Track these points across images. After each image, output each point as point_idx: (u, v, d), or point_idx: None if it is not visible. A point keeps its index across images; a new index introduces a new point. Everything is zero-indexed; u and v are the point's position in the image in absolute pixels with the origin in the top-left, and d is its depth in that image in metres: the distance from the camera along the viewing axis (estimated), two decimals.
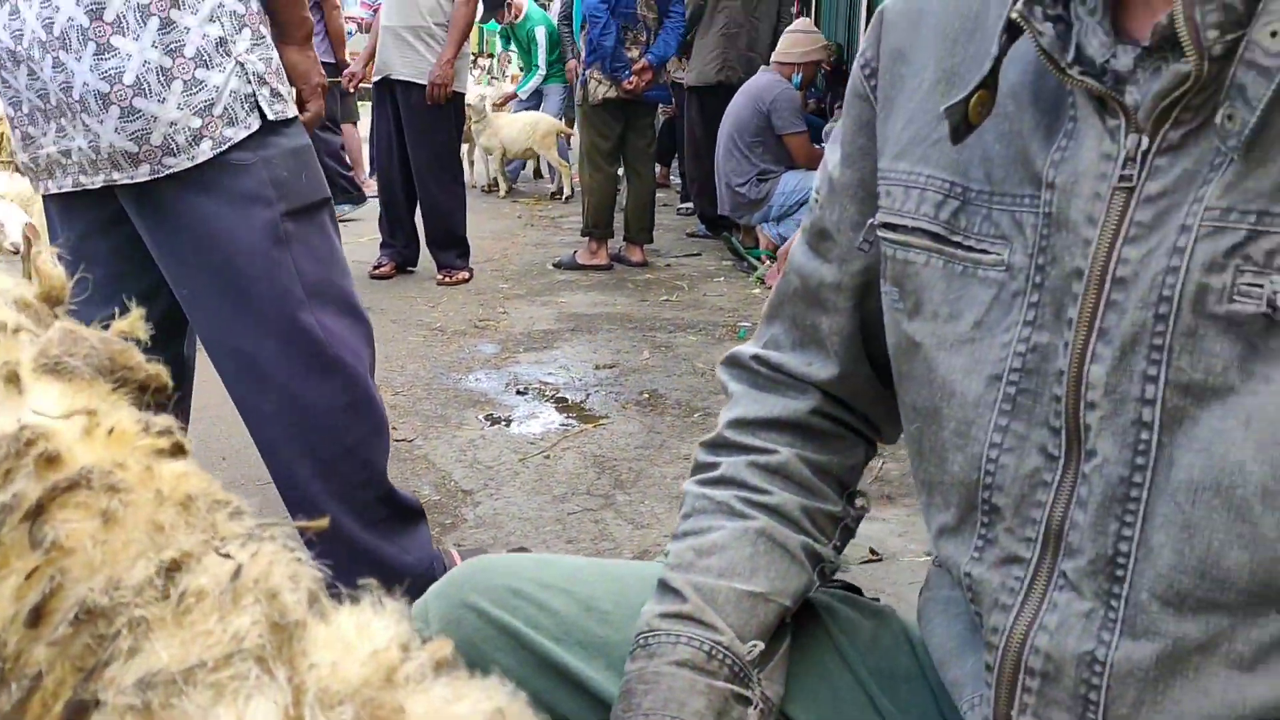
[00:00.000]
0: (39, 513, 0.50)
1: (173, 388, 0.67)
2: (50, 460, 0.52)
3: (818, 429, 0.85)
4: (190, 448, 0.60)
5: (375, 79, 4.96)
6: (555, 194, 8.16)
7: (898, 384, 0.77)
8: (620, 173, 5.58)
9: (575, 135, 6.58)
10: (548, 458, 2.84)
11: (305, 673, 0.43)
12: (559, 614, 0.80)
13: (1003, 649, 0.67)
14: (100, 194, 1.57)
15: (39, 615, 0.48)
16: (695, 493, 0.84)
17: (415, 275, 5.15)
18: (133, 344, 0.68)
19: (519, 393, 3.41)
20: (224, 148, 1.53)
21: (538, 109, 8.41)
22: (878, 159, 0.77)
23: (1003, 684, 0.67)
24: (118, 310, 0.70)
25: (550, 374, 3.62)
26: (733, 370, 0.91)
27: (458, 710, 0.44)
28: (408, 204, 5.07)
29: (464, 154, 6.51)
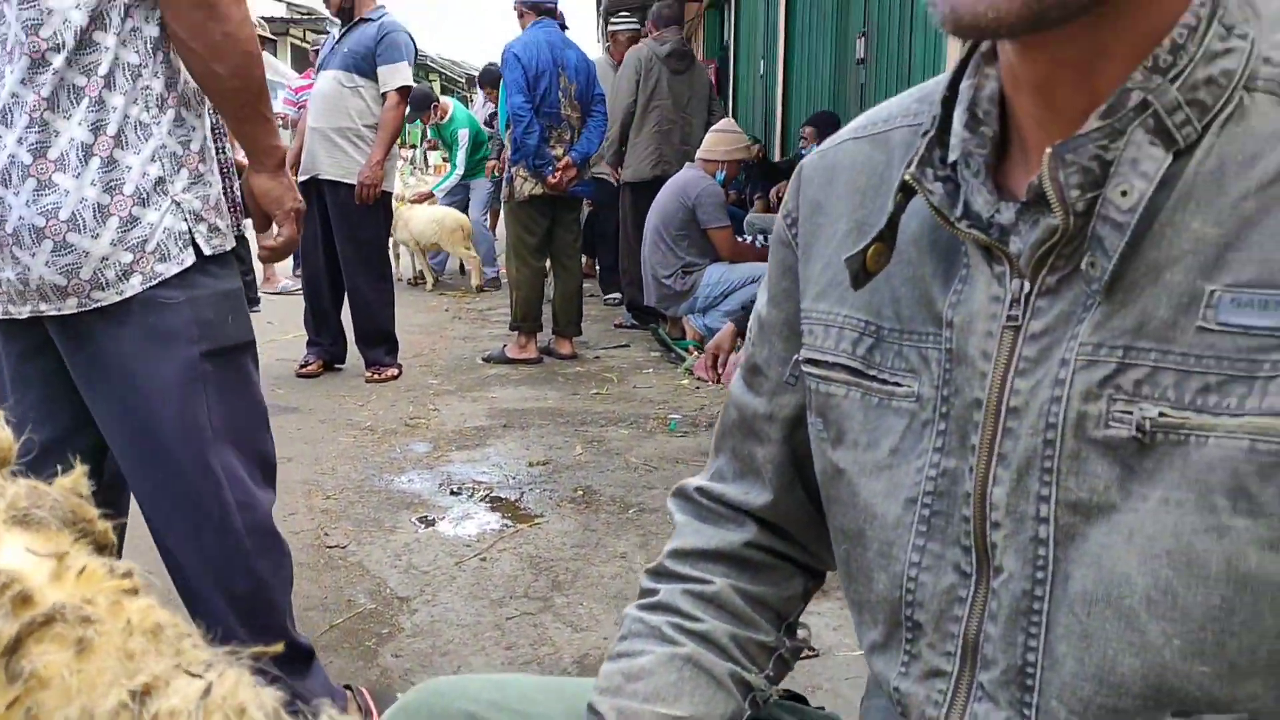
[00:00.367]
0: (16, 648, 0.52)
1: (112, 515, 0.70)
2: (24, 599, 0.55)
3: (753, 560, 0.89)
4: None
5: (302, 179, 5.00)
6: (481, 288, 8.23)
7: (826, 509, 0.82)
8: (547, 266, 5.65)
9: (501, 229, 6.65)
10: (484, 560, 2.83)
11: None
12: None
13: None
14: (31, 320, 1.58)
15: None
16: (633, 616, 0.88)
17: (343, 372, 5.12)
18: (87, 499, 0.70)
19: (453, 493, 3.40)
20: (153, 283, 1.54)
21: (465, 204, 8.51)
22: (800, 300, 0.84)
23: None
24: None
25: (483, 473, 3.62)
26: (679, 501, 0.96)
27: None
28: (334, 301, 5.07)
29: (390, 247, 6.54)
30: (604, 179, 6.80)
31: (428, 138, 12.17)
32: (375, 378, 4.94)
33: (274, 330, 5.85)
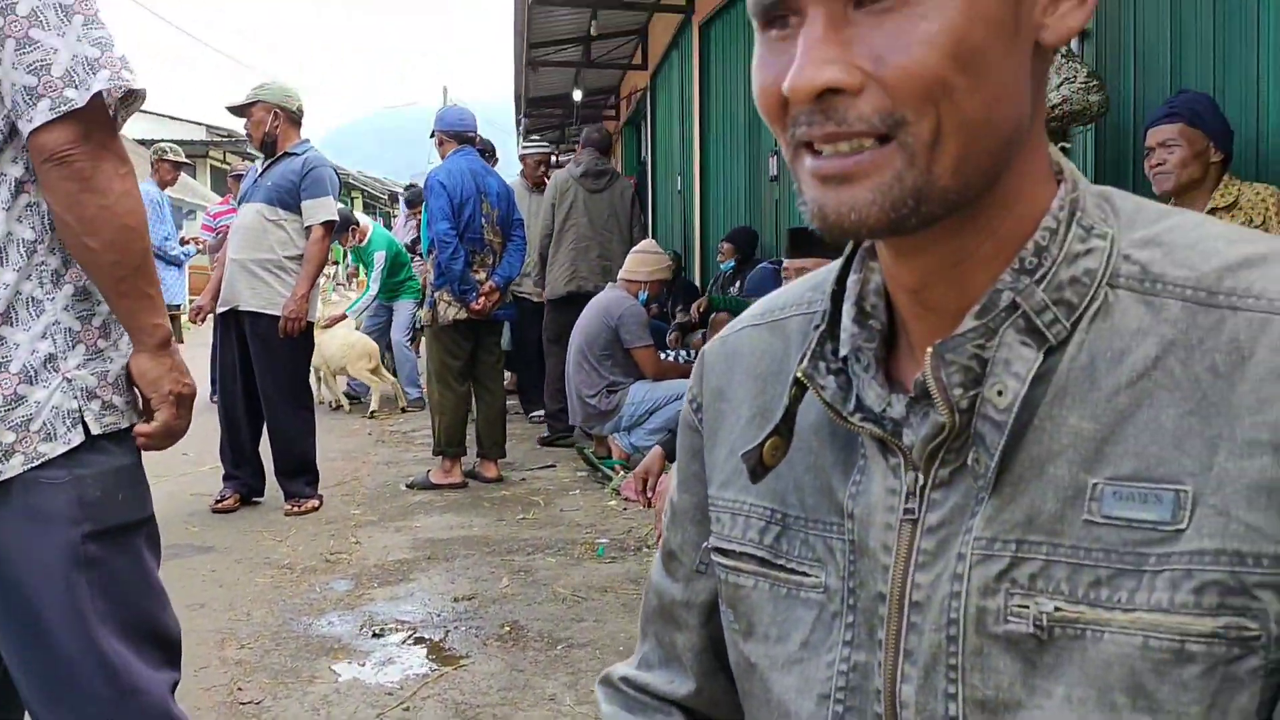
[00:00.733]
0: None
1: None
2: None
3: None
4: None
5: (221, 310, 4.93)
6: (404, 409, 8.13)
7: (743, 701, 0.81)
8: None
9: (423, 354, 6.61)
10: (407, 710, 2.72)
11: None
12: None
13: None
14: None
15: None
16: None
17: (261, 506, 4.97)
18: None
19: (375, 635, 3.28)
20: (35, 464, 1.47)
21: (389, 325, 8.46)
22: (708, 486, 0.83)
23: None
24: None
25: (407, 611, 3.51)
26: (606, 690, 0.94)
27: None
28: (253, 432, 4.96)
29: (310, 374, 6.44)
30: (525, 298, 6.86)
31: (348, 262, 12.14)
32: (295, 510, 4.81)
33: (189, 463, 5.68)
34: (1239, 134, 3.09)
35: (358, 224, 8.19)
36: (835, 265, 0.77)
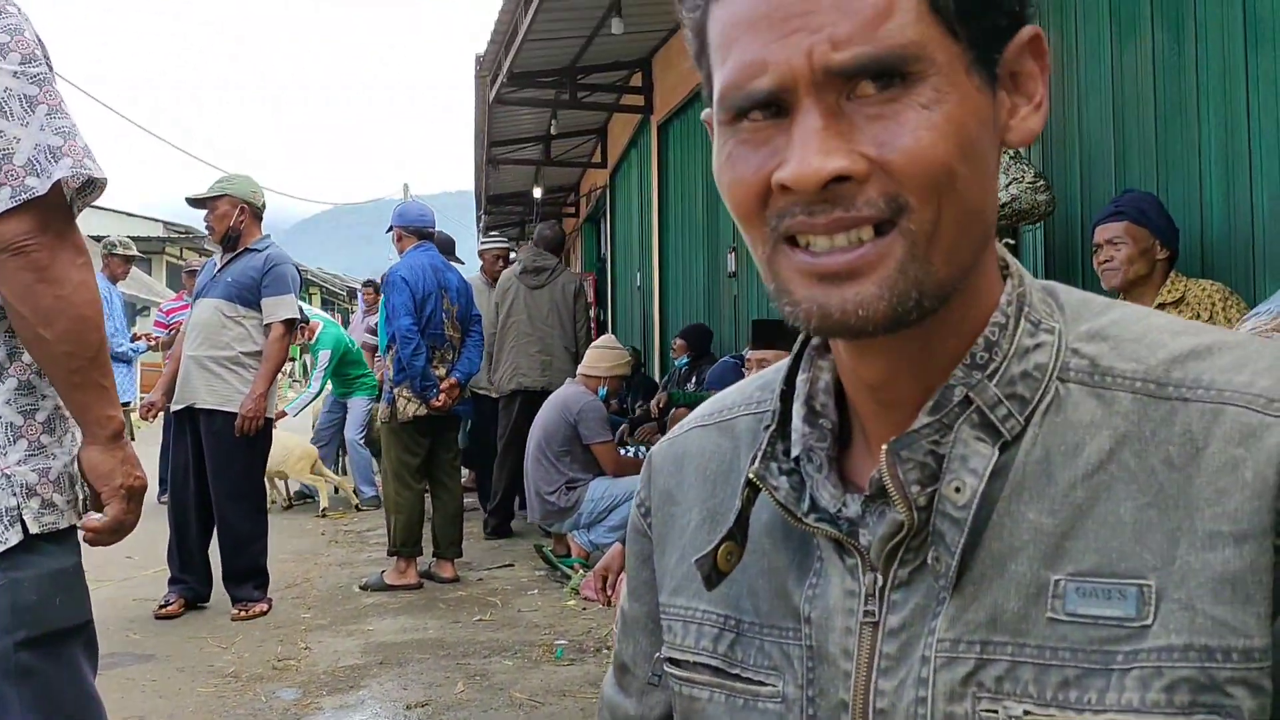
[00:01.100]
0: None
1: None
2: None
3: None
4: None
5: (176, 408, 4.82)
6: (357, 507, 7.95)
7: None
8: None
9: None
10: None
11: None
12: None
13: None
14: None
15: None
16: None
17: (207, 611, 4.79)
18: None
19: None
20: None
21: (343, 422, 8.34)
22: (659, 593, 0.80)
23: None
24: None
25: None
26: None
27: None
28: (202, 536, 4.79)
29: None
30: (484, 394, 6.81)
31: (303, 359, 12.03)
32: (243, 615, 4.63)
33: (133, 565, 5.49)
34: (1183, 232, 3.16)
35: (307, 321, 8.12)
36: (783, 364, 0.75)
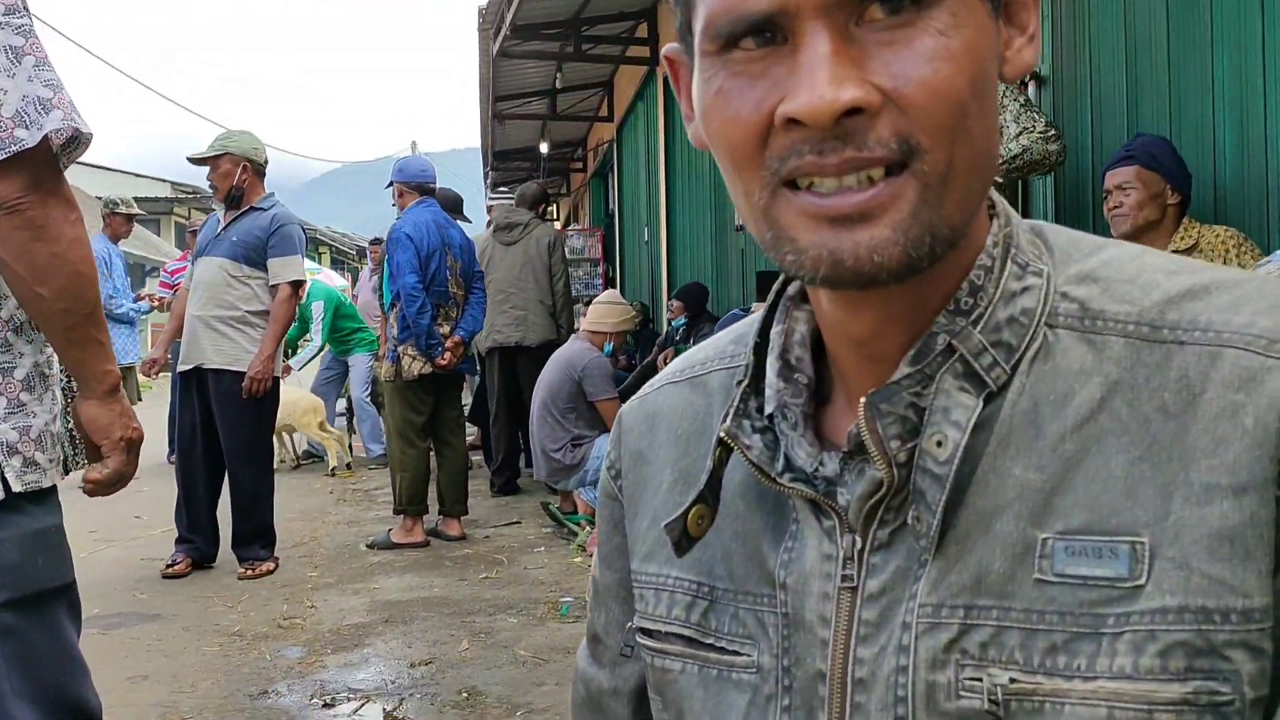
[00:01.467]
0: None
1: None
2: None
3: None
4: None
5: (184, 368, 4.80)
6: (334, 470, 7.87)
7: None
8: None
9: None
10: None
11: None
12: None
13: None
14: None
15: None
16: None
17: (214, 571, 4.80)
18: None
19: (325, 705, 3.14)
20: None
21: (341, 378, 8.32)
22: (630, 559, 0.76)
23: None
24: None
25: (361, 679, 3.37)
26: None
27: None
28: (210, 496, 4.79)
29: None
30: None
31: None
32: (249, 574, 4.65)
33: (141, 526, 5.51)
34: (1196, 177, 3.08)
35: (303, 282, 8.08)
36: (758, 316, 0.70)
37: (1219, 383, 0.54)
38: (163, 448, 7.80)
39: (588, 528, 5.16)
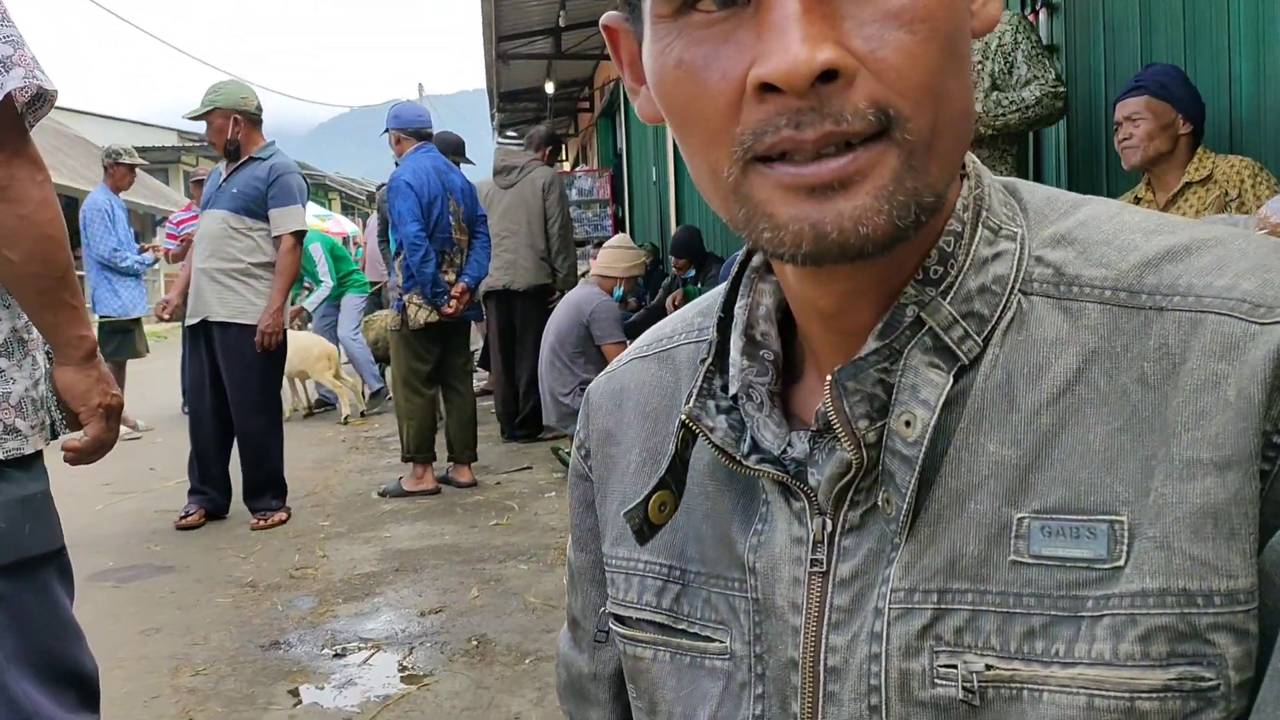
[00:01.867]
0: None
1: None
2: None
3: None
4: None
5: (191, 322, 4.79)
6: (363, 413, 7.93)
7: None
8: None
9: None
10: None
11: None
12: None
13: None
14: None
15: None
16: None
17: (227, 522, 4.84)
18: None
19: (336, 655, 3.17)
20: None
21: (337, 322, 8.32)
22: (602, 542, 0.74)
23: None
24: None
25: (371, 628, 3.40)
26: None
27: None
28: (221, 448, 4.81)
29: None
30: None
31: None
32: (261, 525, 4.68)
33: (155, 478, 5.55)
34: (1211, 107, 2.99)
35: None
36: (722, 288, 0.66)
37: (1200, 351, 0.51)
38: (177, 398, 7.84)
39: None
